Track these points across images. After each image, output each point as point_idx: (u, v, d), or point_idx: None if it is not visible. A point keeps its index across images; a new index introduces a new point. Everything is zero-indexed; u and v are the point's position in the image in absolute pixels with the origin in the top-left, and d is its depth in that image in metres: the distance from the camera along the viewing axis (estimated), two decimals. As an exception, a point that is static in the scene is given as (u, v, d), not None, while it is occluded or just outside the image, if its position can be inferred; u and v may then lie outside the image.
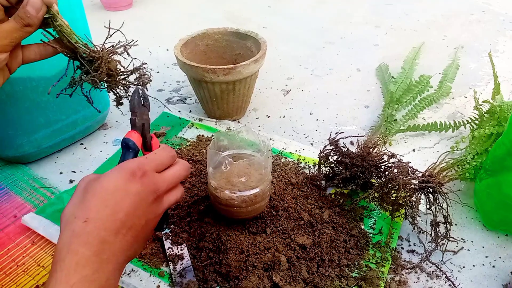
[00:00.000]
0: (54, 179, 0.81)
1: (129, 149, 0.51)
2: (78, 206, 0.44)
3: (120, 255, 0.44)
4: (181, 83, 1.13)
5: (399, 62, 1.13)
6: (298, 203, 0.72)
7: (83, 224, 0.42)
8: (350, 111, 1.02)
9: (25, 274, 0.64)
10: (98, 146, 0.90)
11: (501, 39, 1.35)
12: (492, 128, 0.77)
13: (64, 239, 0.42)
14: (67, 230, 0.42)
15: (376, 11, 1.57)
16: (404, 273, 0.64)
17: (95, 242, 0.42)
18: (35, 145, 0.81)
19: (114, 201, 0.44)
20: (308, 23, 1.49)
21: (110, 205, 0.44)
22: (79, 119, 0.86)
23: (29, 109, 0.76)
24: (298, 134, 0.94)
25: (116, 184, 0.45)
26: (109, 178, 0.45)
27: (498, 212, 0.68)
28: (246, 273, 0.61)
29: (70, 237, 0.41)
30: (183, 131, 0.93)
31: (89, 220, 0.42)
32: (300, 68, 1.21)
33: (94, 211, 0.43)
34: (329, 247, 0.66)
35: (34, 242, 0.68)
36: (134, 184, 0.46)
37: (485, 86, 1.11)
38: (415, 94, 0.98)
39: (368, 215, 0.73)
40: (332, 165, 0.77)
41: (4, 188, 0.78)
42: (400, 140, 0.92)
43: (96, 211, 0.43)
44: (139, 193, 0.46)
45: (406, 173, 0.67)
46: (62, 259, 0.40)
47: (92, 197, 0.44)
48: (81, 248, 0.41)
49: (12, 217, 0.73)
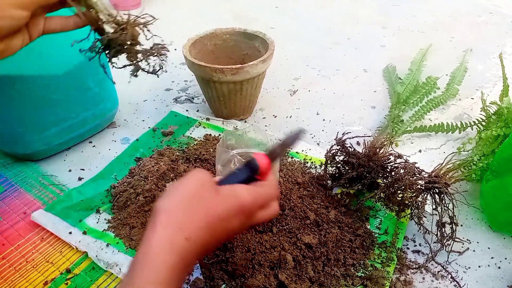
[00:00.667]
0: (63, 177, 0.82)
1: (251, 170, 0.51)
2: (185, 215, 0.43)
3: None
4: (189, 82, 1.14)
5: (406, 63, 1.13)
6: (304, 202, 0.73)
7: (185, 240, 0.42)
8: (356, 112, 1.02)
9: (34, 270, 0.65)
10: (106, 144, 0.91)
11: (508, 40, 1.35)
12: (499, 129, 0.77)
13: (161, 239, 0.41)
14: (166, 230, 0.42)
15: (383, 12, 1.57)
16: (410, 273, 0.65)
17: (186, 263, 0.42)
18: (45, 143, 0.82)
19: (216, 229, 0.45)
20: (315, 23, 1.49)
21: (211, 231, 0.44)
22: (89, 117, 0.87)
23: (39, 107, 0.77)
24: (305, 134, 0.94)
25: (227, 213, 0.45)
26: (224, 202, 0.46)
27: (504, 213, 0.69)
28: (253, 271, 0.62)
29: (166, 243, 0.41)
30: (190, 130, 0.94)
31: (190, 240, 0.42)
32: (307, 68, 1.21)
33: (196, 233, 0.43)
34: (335, 246, 0.66)
35: (43, 238, 0.69)
36: (238, 220, 0.47)
37: (492, 88, 1.11)
38: (422, 95, 0.98)
39: (374, 215, 0.74)
40: (339, 165, 0.77)
41: (14, 185, 0.79)
42: (407, 141, 0.92)
43: (198, 234, 0.43)
44: (239, 228, 0.48)
45: (412, 173, 0.67)
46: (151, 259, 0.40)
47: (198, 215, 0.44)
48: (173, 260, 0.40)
49: (22, 214, 0.74)
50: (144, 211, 0.72)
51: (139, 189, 0.75)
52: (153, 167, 0.80)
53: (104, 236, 0.69)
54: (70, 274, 0.64)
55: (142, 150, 0.88)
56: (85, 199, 0.76)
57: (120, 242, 0.68)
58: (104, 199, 0.76)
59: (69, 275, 0.64)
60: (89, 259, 0.66)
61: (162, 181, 0.77)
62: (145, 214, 0.71)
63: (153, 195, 0.74)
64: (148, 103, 1.05)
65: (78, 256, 0.67)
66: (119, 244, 0.68)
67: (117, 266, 0.64)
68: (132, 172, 0.81)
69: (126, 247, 0.67)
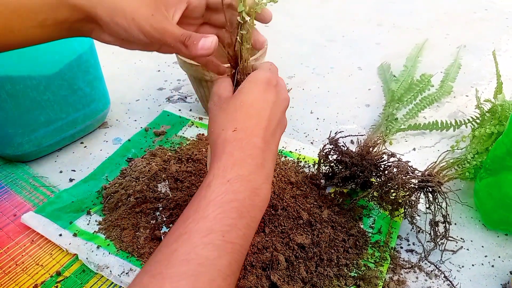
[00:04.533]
0: (54, 178, 0.82)
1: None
2: (224, 121, 0.45)
3: (270, 162, 0.46)
4: (182, 81, 1.13)
5: (400, 60, 1.13)
6: (297, 202, 0.72)
7: (233, 133, 0.44)
8: (350, 110, 1.02)
9: (24, 273, 0.64)
10: (98, 145, 0.90)
11: (504, 37, 1.34)
12: (493, 127, 0.76)
13: (219, 147, 0.43)
14: (219, 140, 0.44)
15: (378, 9, 1.56)
16: (403, 272, 0.64)
17: (248, 147, 0.43)
18: (35, 144, 0.81)
19: (256, 111, 0.46)
20: (309, 21, 1.48)
21: (254, 115, 0.45)
22: (80, 118, 0.86)
23: (30, 107, 0.76)
24: (298, 133, 0.94)
25: (255, 95, 0.47)
26: (246, 91, 0.47)
27: (498, 212, 0.68)
28: (244, 272, 0.61)
29: (222, 143, 0.43)
30: (183, 130, 0.93)
31: (238, 129, 0.44)
32: (301, 66, 1.21)
33: (241, 122, 0.45)
34: (328, 246, 0.66)
35: (33, 241, 0.69)
36: (271, 93, 0.47)
37: (487, 85, 1.10)
38: (416, 93, 0.98)
39: (367, 214, 0.73)
40: (332, 164, 0.76)
41: (4, 187, 0.79)
42: (401, 139, 0.92)
43: (242, 121, 0.45)
44: (275, 101, 0.48)
45: (405, 172, 0.66)
46: (218, 159, 0.42)
47: (235, 112, 0.45)
48: (236, 151, 0.43)
49: (11, 216, 0.73)
50: (135, 212, 0.71)
51: (130, 190, 0.74)
52: (144, 167, 0.79)
53: (95, 238, 0.68)
54: (60, 277, 0.63)
55: (134, 150, 0.87)
56: (76, 200, 0.75)
57: (111, 244, 0.67)
58: (95, 200, 0.76)
59: (59, 278, 0.63)
60: (80, 261, 0.65)
61: (153, 182, 0.76)
62: (136, 216, 0.71)
63: (144, 196, 0.73)
64: (140, 103, 1.04)
65: (69, 258, 0.66)
66: (110, 246, 0.67)
67: (107, 269, 0.64)
68: (123, 172, 0.80)
69: (117, 249, 0.66)
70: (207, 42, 0.48)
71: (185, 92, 1.09)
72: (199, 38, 0.47)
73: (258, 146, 0.44)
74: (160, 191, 0.75)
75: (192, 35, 0.48)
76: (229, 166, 0.42)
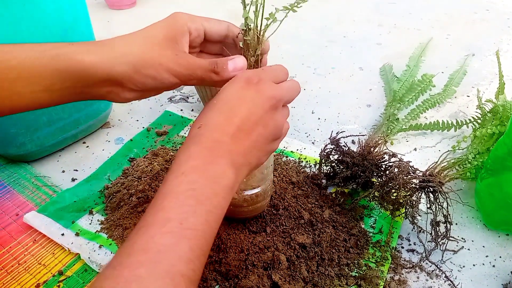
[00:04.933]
0: (56, 178, 0.82)
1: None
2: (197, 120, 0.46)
3: (237, 156, 0.44)
4: (184, 82, 1.13)
5: (402, 60, 1.13)
6: (299, 202, 0.72)
7: (198, 129, 0.44)
8: (352, 110, 1.02)
9: (26, 272, 0.64)
10: (100, 145, 0.91)
11: (505, 37, 1.34)
12: (494, 127, 0.77)
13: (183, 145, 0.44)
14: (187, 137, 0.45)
15: (379, 9, 1.57)
16: (404, 272, 0.64)
17: (207, 141, 0.43)
18: (38, 144, 0.82)
19: (228, 107, 0.45)
20: (311, 21, 1.49)
21: (224, 111, 0.45)
22: (82, 118, 0.86)
23: (32, 107, 0.77)
24: (300, 133, 0.94)
25: (231, 91, 0.46)
26: (223, 89, 0.47)
27: (499, 212, 0.68)
28: (246, 272, 0.61)
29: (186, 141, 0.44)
30: (185, 130, 0.94)
31: (202, 125, 0.44)
32: (303, 67, 1.21)
33: (208, 118, 0.45)
34: (329, 246, 0.66)
35: (35, 240, 0.69)
36: (249, 91, 0.46)
37: (488, 85, 1.10)
38: (417, 93, 0.98)
39: (368, 214, 0.73)
40: (333, 164, 0.76)
41: (7, 187, 0.79)
42: (402, 139, 0.92)
43: (210, 117, 0.45)
44: (254, 99, 0.46)
45: (406, 172, 0.67)
46: (177, 156, 0.43)
47: (209, 110, 0.46)
48: (193, 146, 0.43)
49: (14, 216, 0.73)
50: (137, 212, 0.71)
51: (133, 189, 0.74)
52: (146, 167, 0.79)
53: (97, 237, 0.69)
54: (62, 276, 0.64)
55: (136, 150, 0.87)
56: (78, 200, 0.75)
57: (113, 244, 0.68)
58: (97, 200, 0.76)
59: (62, 277, 0.63)
60: (82, 261, 0.65)
61: (155, 182, 0.76)
62: (138, 215, 0.71)
63: (147, 195, 0.73)
64: (142, 103, 1.04)
65: (71, 258, 0.66)
66: (112, 245, 0.67)
67: (109, 268, 0.64)
68: (125, 172, 0.80)
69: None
70: (238, 62, 0.49)
71: (187, 92, 1.09)
72: (226, 62, 0.48)
73: (220, 140, 0.43)
74: (162, 191, 0.75)
75: (217, 61, 0.48)
76: (184, 160, 0.42)
